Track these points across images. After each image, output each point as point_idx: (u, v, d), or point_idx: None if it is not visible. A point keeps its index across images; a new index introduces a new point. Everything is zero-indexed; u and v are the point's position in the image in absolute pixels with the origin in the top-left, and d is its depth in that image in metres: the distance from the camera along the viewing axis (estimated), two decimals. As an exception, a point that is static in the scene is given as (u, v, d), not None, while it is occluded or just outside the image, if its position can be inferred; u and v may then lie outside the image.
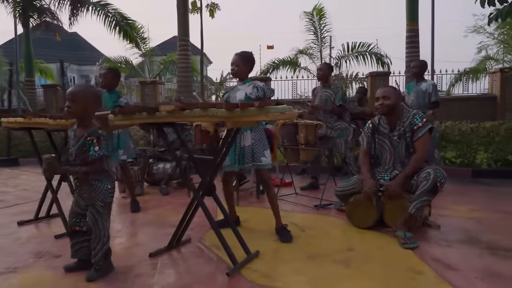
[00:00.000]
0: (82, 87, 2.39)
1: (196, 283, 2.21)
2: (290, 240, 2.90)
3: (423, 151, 3.00)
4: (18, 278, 2.33)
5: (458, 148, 5.91)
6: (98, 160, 2.23)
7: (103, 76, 4.07)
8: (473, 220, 3.48)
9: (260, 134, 2.96)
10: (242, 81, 3.05)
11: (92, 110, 2.34)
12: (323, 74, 4.56)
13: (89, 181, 2.29)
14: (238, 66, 2.97)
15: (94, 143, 2.23)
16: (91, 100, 2.30)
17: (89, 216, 2.30)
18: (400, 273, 2.32)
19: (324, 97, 4.53)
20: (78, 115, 2.30)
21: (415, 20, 7.93)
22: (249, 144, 2.90)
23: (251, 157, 2.91)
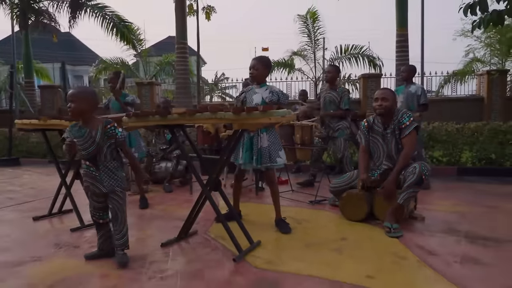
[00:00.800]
0: (80, 89, 2.65)
1: (206, 268, 2.47)
2: (289, 231, 3.18)
3: (410, 147, 3.29)
4: (44, 266, 2.57)
5: (445, 148, 6.25)
6: (124, 140, 2.53)
7: (111, 80, 4.33)
8: (456, 213, 3.78)
9: (275, 136, 3.22)
10: (259, 85, 3.29)
11: (92, 108, 2.54)
12: (332, 76, 4.78)
13: (112, 171, 2.53)
14: (257, 69, 3.20)
15: (115, 127, 2.50)
16: (89, 100, 2.51)
17: (112, 203, 2.53)
18: (386, 259, 2.60)
19: (328, 99, 4.76)
20: (81, 113, 2.51)
21: (405, 26, 8.27)
22: (266, 145, 3.15)
23: (268, 157, 3.16)
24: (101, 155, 2.52)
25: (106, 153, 2.52)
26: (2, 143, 9.39)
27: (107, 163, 2.53)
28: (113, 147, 2.54)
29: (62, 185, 3.71)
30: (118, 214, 2.54)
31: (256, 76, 3.26)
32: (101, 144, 2.51)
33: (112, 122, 2.53)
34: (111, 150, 2.54)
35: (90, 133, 2.50)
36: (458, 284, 2.17)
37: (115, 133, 2.50)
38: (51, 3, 11.74)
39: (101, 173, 2.54)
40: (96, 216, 2.63)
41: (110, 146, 2.52)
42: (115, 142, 2.53)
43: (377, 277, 2.28)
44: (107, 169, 2.53)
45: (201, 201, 2.92)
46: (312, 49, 15.03)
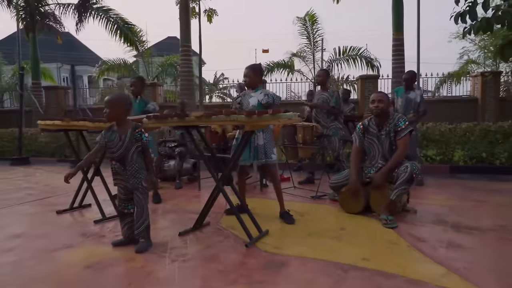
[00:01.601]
0: (116, 96, 2.96)
1: (221, 252, 2.80)
2: (292, 222, 3.51)
3: (403, 149, 3.62)
4: (76, 251, 2.88)
5: (438, 147, 6.59)
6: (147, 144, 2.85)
7: (133, 85, 4.65)
8: (446, 207, 4.11)
9: (270, 134, 3.56)
10: (253, 89, 3.62)
11: (125, 113, 2.90)
12: (322, 79, 5.10)
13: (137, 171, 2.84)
14: (250, 77, 3.55)
15: (143, 132, 2.82)
16: (123, 105, 2.86)
17: (135, 198, 2.86)
18: (381, 245, 2.93)
19: (321, 100, 5.07)
20: (115, 118, 2.87)
21: (401, 30, 8.61)
22: (262, 143, 3.48)
23: (264, 154, 3.50)
24: (128, 156, 2.83)
25: (132, 154, 2.83)
26: (12, 142, 9.70)
27: (133, 164, 2.84)
28: (139, 149, 2.85)
29: (84, 181, 4.02)
30: (139, 208, 2.84)
31: (249, 83, 3.61)
32: (129, 147, 2.82)
33: (140, 127, 2.84)
34: (138, 152, 2.85)
35: (120, 136, 2.82)
36: (443, 264, 2.50)
37: (141, 137, 2.82)
38: (57, 6, 12.03)
39: (127, 172, 2.86)
40: (121, 206, 2.95)
41: (136, 149, 2.83)
42: (141, 145, 2.84)
43: (372, 259, 2.61)
44: (132, 169, 2.84)
45: (215, 195, 3.24)
46: (311, 51, 15.34)
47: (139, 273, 2.47)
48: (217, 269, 2.49)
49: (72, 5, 11.84)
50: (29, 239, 3.20)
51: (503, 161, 6.28)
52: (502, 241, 3.07)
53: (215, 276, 2.39)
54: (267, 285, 2.25)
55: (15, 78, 18.36)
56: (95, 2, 11.75)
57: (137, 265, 2.58)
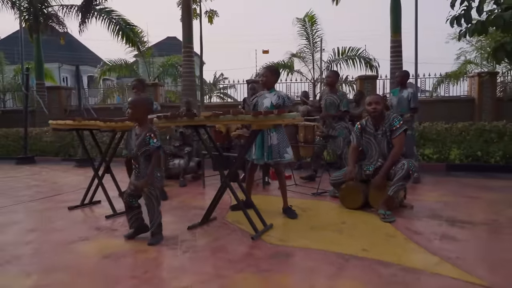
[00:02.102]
0: (138, 98, 3.14)
1: (229, 245, 2.97)
2: (295, 216, 3.69)
3: (399, 147, 3.80)
4: (92, 244, 3.06)
5: (435, 146, 6.78)
6: (157, 149, 2.96)
7: (135, 87, 4.82)
8: (441, 202, 4.30)
9: (283, 134, 3.73)
10: (269, 90, 3.79)
11: (146, 114, 3.08)
12: (331, 80, 5.23)
13: (145, 172, 3.00)
14: (266, 77, 3.72)
15: (152, 137, 2.96)
16: (145, 107, 3.05)
17: (145, 198, 3.02)
18: (379, 237, 3.11)
19: (329, 101, 5.20)
20: (137, 118, 3.05)
21: (398, 32, 8.79)
22: (275, 143, 3.65)
23: (278, 153, 3.67)
24: (139, 156, 3.00)
25: (141, 157, 2.99)
26: (17, 142, 9.86)
27: (143, 165, 3.00)
28: (147, 153, 2.97)
29: (94, 178, 4.19)
30: (149, 208, 2.99)
31: (265, 83, 3.77)
32: (139, 148, 2.99)
33: (151, 132, 2.97)
34: (145, 156, 2.98)
35: (138, 137, 2.99)
36: (437, 254, 2.68)
37: (148, 142, 2.95)
38: (61, 7, 12.18)
39: (140, 170, 3.03)
40: (127, 199, 3.11)
41: (144, 152, 2.97)
42: (148, 150, 2.97)
43: (371, 250, 2.79)
44: (143, 170, 3.01)
45: (222, 191, 3.41)
46: (311, 51, 15.52)
47: (154, 262, 2.64)
48: (226, 259, 2.66)
49: (75, 6, 12.01)
50: (45, 233, 3.37)
51: (498, 159, 6.47)
52: (493, 234, 3.26)
53: (225, 265, 2.56)
54: (274, 273, 2.43)
55: (17, 78, 18.53)
56: (98, 3, 11.92)
57: (151, 256, 2.76)
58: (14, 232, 3.41)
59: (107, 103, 16.48)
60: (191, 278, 2.36)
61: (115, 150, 4.14)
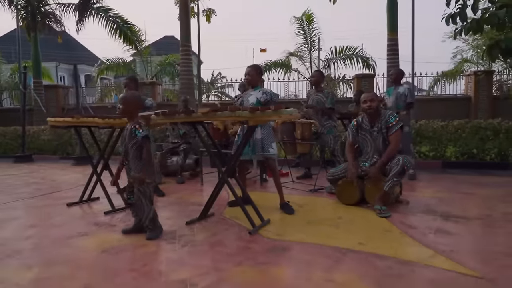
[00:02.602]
0: (129, 94, 3.17)
1: (226, 239, 3.01)
2: (292, 212, 3.73)
3: (395, 144, 3.85)
4: (91, 239, 3.09)
5: (431, 143, 6.83)
6: (144, 138, 2.95)
7: (126, 85, 4.83)
8: (436, 198, 4.35)
9: (268, 129, 3.77)
10: (253, 88, 3.84)
11: (137, 109, 3.11)
12: (316, 80, 5.35)
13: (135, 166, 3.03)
14: (252, 76, 3.77)
15: (137, 128, 2.97)
16: (135, 102, 3.09)
17: (136, 193, 3.04)
18: (375, 232, 3.16)
19: (316, 100, 5.33)
20: (127, 114, 3.07)
21: (395, 31, 8.84)
22: (259, 137, 3.70)
23: (261, 148, 3.71)
24: (128, 150, 3.04)
25: (130, 149, 3.02)
26: (14, 140, 9.86)
27: (132, 159, 3.03)
28: (137, 145, 2.99)
29: (93, 175, 4.22)
30: (138, 202, 3.00)
31: (250, 81, 3.84)
32: (128, 142, 3.02)
33: (136, 123, 3.00)
34: (135, 148, 3.00)
35: (126, 131, 3.03)
36: (431, 248, 2.72)
37: (135, 134, 2.98)
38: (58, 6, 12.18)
39: (129, 166, 3.06)
40: (128, 198, 3.13)
41: (134, 144, 2.99)
42: (137, 142, 2.99)
43: (367, 243, 2.83)
44: (132, 164, 3.03)
45: (220, 186, 3.45)
46: (308, 50, 15.58)
47: (152, 256, 2.68)
48: (224, 253, 2.70)
49: (73, 5, 12.00)
50: (44, 229, 3.39)
51: (493, 156, 6.53)
52: (487, 228, 3.32)
53: (223, 258, 2.60)
54: (271, 266, 2.47)
55: (14, 77, 18.48)
56: (96, 2, 11.91)
57: (150, 250, 2.79)
58: (13, 228, 3.44)
59: (104, 102, 16.49)
60: (190, 271, 2.39)
61: (113, 147, 4.17)
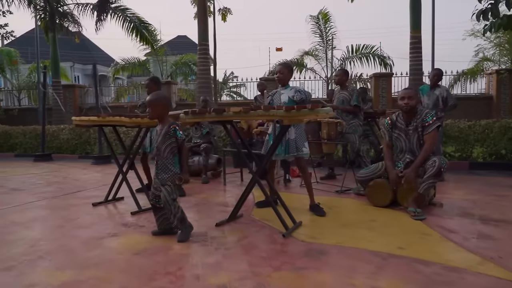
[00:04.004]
0: (155, 96, 3.08)
1: (260, 242, 2.93)
2: (323, 214, 3.63)
3: (431, 144, 3.72)
4: (122, 240, 3.04)
5: (457, 143, 6.65)
6: (184, 140, 2.93)
7: (147, 85, 4.81)
8: (468, 201, 4.20)
9: (301, 129, 3.68)
10: (284, 87, 3.75)
11: (166, 110, 3.04)
12: (339, 79, 5.23)
13: (166, 166, 2.96)
14: (283, 74, 3.68)
15: (177, 129, 2.92)
16: (163, 104, 3.01)
17: (162, 194, 2.97)
18: (413, 235, 3.04)
19: (341, 99, 5.21)
20: (157, 116, 3.01)
21: (418, 28, 8.65)
22: (293, 137, 3.61)
23: (295, 148, 3.62)
24: (160, 151, 2.96)
25: (165, 150, 2.94)
26: (34, 139, 9.95)
27: (164, 159, 2.95)
28: (173, 145, 2.94)
29: (118, 175, 4.18)
30: (166, 204, 2.92)
31: (281, 79, 3.74)
32: (161, 142, 2.95)
33: (175, 124, 2.95)
34: (171, 149, 2.94)
35: (159, 131, 2.97)
36: (475, 253, 2.60)
37: (175, 134, 2.92)
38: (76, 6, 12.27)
39: (158, 166, 2.99)
40: (153, 200, 3.07)
41: (170, 145, 2.93)
42: (176, 142, 2.94)
43: (407, 248, 2.72)
44: (162, 164, 2.96)
45: (250, 187, 3.37)
46: (324, 49, 15.43)
47: (187, 259, 2.61)
48: (260, 256, 2.61)
49: (90, 5, 12.06)
50: (73, 229, 3.35)
51: (523, 157, 6.33)
52: (530, 233, 3.16)
53: (260, 262, 2.51)
54: (311, 271, 2.37)
55: (32, 77, 18.72)
56: (113, 1, 11.95)
57: (183, 252, 2.72)
58: (42, 228, 3.42)
59: (120, 101, 16.59)
60: (228, 275, 2.31)
61: (139, 147, 4.13)
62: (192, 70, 16.52)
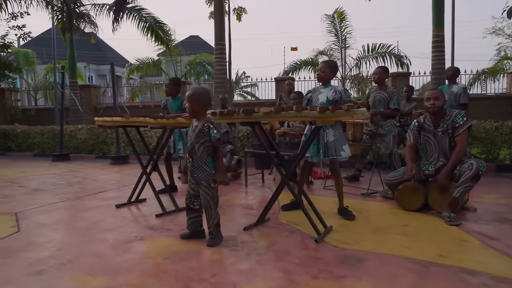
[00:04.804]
0: (195, 91, 3.00)
1: (292, 247, 2.83)
2: (353, 218, 3.52)
3: (463, 145, 3.58)
4: (149, 243, 2.97)
5: (483, 145, 6.45)
6: (218, 140, 2.82)
7: (167, 86, 4.77)
8: (502, 205, 4.04)
9: (339, 131, 3.57)
10: (324, 85, 3.64)
11: (205, 107, 2.96)
12: (379, 77, 5.01)
13: (201, 165, 2.89)
14: (324, 72, 3.56)
15: (211, 128, 2.83)
16: (198, 101, 2.92)
17: (201, 194, 2.90)
18: (451, 242, 2.91)
19: (378, 98, 5.00)
20: (195, 112, 2.93)
21: (441, 26, 8.44)
22: (332, 140, 3.51)
23: (334, 150, 3.52)
24: (195, 149, 2.89)
25: (199, 148, 2.87)
26: (52, 139, 10.02)
27: (198, 158, 2.88)
28: (207, 144, 2.85)
29: (142, 176, 4.13)
30: (205, 204, 2.86)
31: (322, 77, 3.62)
32: (195, 140, 2.87)
33: (209, 122, 2.87)
34: (205, 147, 2.85)
35: (194, 128, 2.89)
36: (523, 262, 2.47)
37: (208, 133, 2.83)
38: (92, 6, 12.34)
39: (194, 165, 2.91)
40: (188, 200, 3.00)
41: (204, 144, 2.85)
42: (209, 141, 2.85)
43: (448, 256, 2.60)
44: (197, 163, 2.88)
45: (280, 190, 3.28)
46: (339, 48, 15.23)
47: (219, 265, 2.53)
48: (294, 263, 2.52)
49: (107, 5, 12.12)
50: (99, 232, 3.30)
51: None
52: None
53: (295, 269, 2.42)
54: (350, 280, 2.27)
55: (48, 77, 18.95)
56: (129, 2, 11.99)
57: (215, 258, 2.64)
58: (68, 230, 3.38)
59: (134, 101, 16.65)
60: (264, 283, 2.23)
61: (163, 148, 4.07)
62: (206, 69, 16.50)
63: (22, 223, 3.57)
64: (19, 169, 7.64)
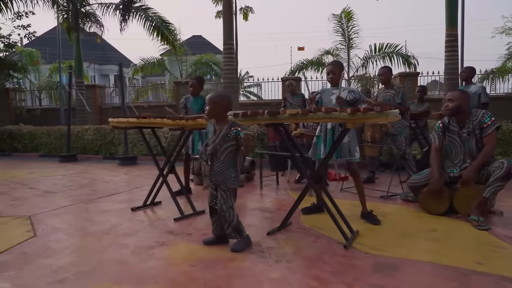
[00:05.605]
0: (215, 94, 2.92)
1: (321, 253, 2.73)
2: (378, 222, 3.42)
3: (491, 146, 3.48)
4: (172, 249, 2.87)
5: (500, 146, 6.34)
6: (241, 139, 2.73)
7: (192, 85, 4.69)
8: (528, 209, 3.94)
9: (353, 133, 3.48)
10: (335, 87, 3.56)
11: (226, 110, 2.87)
12: (385, 78, 4.95)
13: (221, 170, 2.79)
14: (336, 74, 3.49)
15: (239, 130, 2.75)
16: (219, 104, 2.83)
17: (218, 197, 2.82)
18: (484, 247, 2.81)
19: (387, 98, 4.91)
20: (215, 115, 2.84)
21: (455, 26, 8.32)
22: (346, 141, 3.41)
23: (348, 152, 3.43)
24: (217, 153, 2.79)
25: (222, 152, 2.77)
26: (58, 140, 9.94)
27: (220, 163, 2.78)
28: (231, 149, 2.75)
29: (158, 178, 4.03)
30: (220, 210, 2.77)
31: (334, 80, 3.54)
32: (220, 144, 2.78)
33: (236, 125, 2.78)
34: (228, 152, 2.76)
35: (217, 132, 2.80)
36: None
37: (236, 136, 2.73)
38: (99, 6, 12.26)
39: (213, 168, 2.82)
40: (212, 203, 2.90)
41: (228, 148, 2.76)
42: (236, 144, 2.76)
43: (487, 263, 2.49)
44: (218, 167, 2.78)
45: (304, 193, 3.18)
46: (346, 48, 15.14)
47: (249, 272, 2.43)
48: (327, 271, 2.42)
49: (113, 5, 12.03)
50: (119, 237, 3.20)
51: None
52: None
53: (329, 277, 2.32)
54: (389, 289, 2.17)
55: (52, 77, 18.87)
56: (136, 1, 11.90)
57: (243, 265, 2.54)
58: (86, 235, 3.28)
59: (139, 101, 16.57)
60: (299, 292, 2.13)
61: (181, 149, 3.97)
62: (212, 69, 16.42)
63: (38, 227, 3.48)
64: (27, 170, 7.55)
